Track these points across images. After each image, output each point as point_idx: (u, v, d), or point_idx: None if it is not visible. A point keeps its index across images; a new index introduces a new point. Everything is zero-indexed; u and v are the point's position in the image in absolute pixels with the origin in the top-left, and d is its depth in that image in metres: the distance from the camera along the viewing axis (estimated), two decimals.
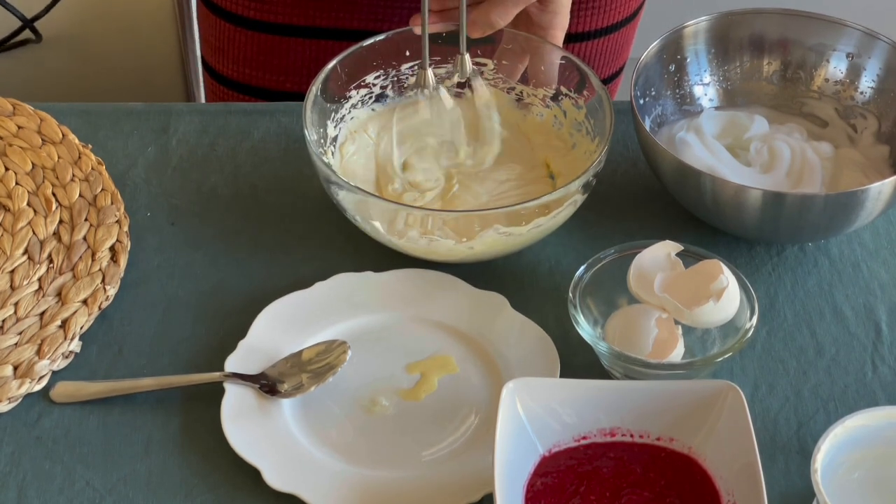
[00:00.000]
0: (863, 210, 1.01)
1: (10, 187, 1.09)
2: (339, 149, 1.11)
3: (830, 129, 1.14)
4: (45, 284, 1.02)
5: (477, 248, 1.02)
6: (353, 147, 1.12)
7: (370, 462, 0.93)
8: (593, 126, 1.09)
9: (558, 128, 1.13)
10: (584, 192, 1.03)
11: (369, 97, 1.13)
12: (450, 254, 1.02)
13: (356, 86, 1.12)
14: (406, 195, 1.09)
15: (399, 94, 1.14)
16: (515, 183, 1.10)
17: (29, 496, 0.91)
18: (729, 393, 0.89)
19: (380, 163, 1.11)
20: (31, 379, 0.96)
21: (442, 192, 1.09)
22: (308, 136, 1.04)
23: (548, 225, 1.03)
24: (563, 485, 0.88)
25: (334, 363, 0.97)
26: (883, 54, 1.12)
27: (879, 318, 1.03)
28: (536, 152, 1.12)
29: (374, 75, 1.13)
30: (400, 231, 1.02)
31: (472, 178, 1.10)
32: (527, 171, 1.11)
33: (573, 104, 1.11)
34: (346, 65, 1.10)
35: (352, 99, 1.12)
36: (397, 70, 1.13)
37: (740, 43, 1.15)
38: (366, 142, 1.12)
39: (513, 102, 1.14)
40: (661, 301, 0.96)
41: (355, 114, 1.13)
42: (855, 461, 0.88)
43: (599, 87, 1.08)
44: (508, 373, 0.97)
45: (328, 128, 1.10)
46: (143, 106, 1.19)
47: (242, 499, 0.91)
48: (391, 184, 1.10)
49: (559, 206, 1.02)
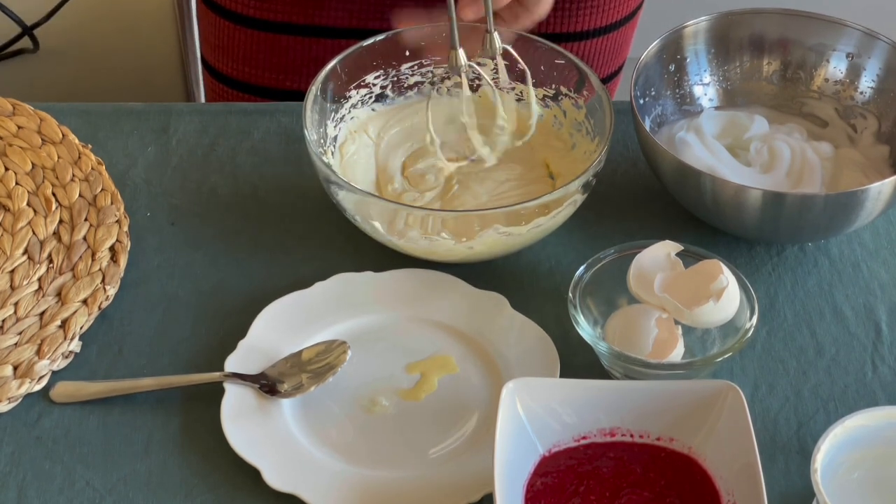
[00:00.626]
0: (863, 210, 1.01)
1: (10, 187, 1.09)
2: (339, 149, 1.11)
3: (830, 129, 1.14)
4: (45, 284, 1.02)
5: (477, 248, 1.02)
6: (353, 147, 1.12)
7: (370, 462, 0.93)
8: (593, 126, 1.09)
9: (558, 128, 1.13)
10: (583, 192, 1.03)
11: (369, 97, 1.13)
12: (449, 254, 1.02)
13: (356, 85, 1.12)
14: (405, 195, 1.09)
15: (399, 94, 1.14)
16: (515, 183, 1.10)
17: (29, 496, 0.91)
18: (729, 393, 0.89)
19: (380, 163, 1.12)
20: (31, 379, 0.96)
21: (441, 192, 1.09)
22: (308, 136, 1.04)
23: (547, 225, 1.03)
24: (563, 485, 0.88)
25: (334, 363, 0.97)
26: (883, 54, 1.12)
27: (879, 318, 1.03)
28: (536, 152, 1.12)
29: (374, 75, 1.13)
30: (400, 231, 1.02)
31: (472, 177, 1.10)
32: (527, 171, 1.11)
33: (573, 104, 1.11)
34: (347, 65, 1.10)
35: (352, 99, 1.12)
36: (397, 70, 1.13)
37: (740, 43, 1.15)
38: (366, 142, 1.12)
39: (513, 102, 1.14)
40: (661, 301, 0.96)
41: (355, 114, 1.13)
42: (855, 461, 0.88)
43: (599, 87, 1.08)
44: (508, 373, 0.97)
45: (328, 127, 1.10)
46: (143, 106, 1.19)
47: (242, 499, 0.91)
48: (391, 184, 1.10)
49: (559, 206, 1.02)
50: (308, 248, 1.07)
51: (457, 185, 1.10)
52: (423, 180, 1.10)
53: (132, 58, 1.79)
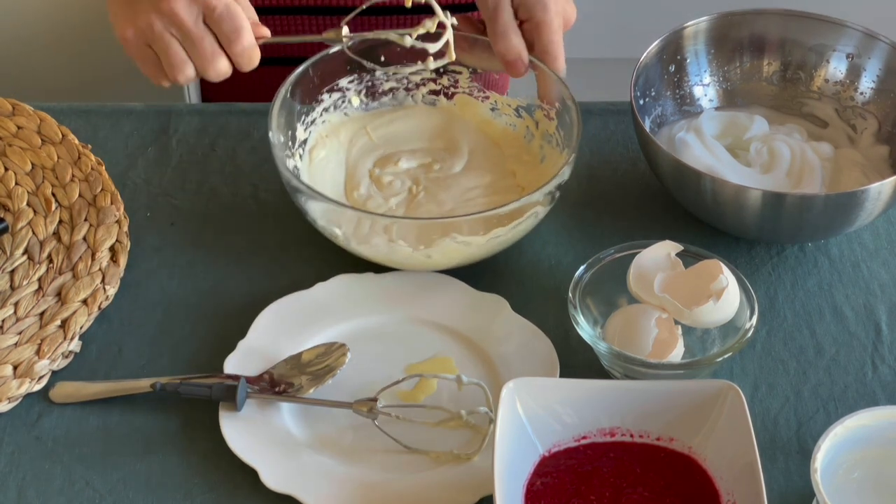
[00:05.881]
0: (863, 210, 1.01)
1: (10, 187, 1.09)
2: (308, 153, 1.11)
3: (830, 130, 1.14)
4: (45, 284, 1.02)
5: (434, 257, 1.01)
6: (323, 152, 1.11)
7: (369, 463, 0.92)
8: (563, 138, 1.08)
9: (529, 139, 1.12)
10: (546, 203, 1.02)
11: (342, 101, 1.13)
12: (408, 261, 1.01)
13: (329, 89, 1.12)
14: (370, 201, 1.08)
15: (373, 100, 1.14)
16: (482, 191, 1.09)
17: (29, 496, 0.91)
18: (729, 393, 0.89)
19: (349, 168, 1.11)
20: (30, 379, 0.96)
21: (407, 199, 1.09)
22: (273, 138, 1.03)
23: (507, 236, 1.02)
24: (563, 485, 0.88)
25: (333, 365, 0.97)
26: (883, 54, 1.12)
27: (879, 318, 1.03)
28: (508, 162, 1.12)
29: (347, 79, 1.12)
30: (364, 237, 1.01)
31: (439, 184, 1.09)
32: (497, 179, 1.10)
33: (545, 115, 1.10)
34: (319, 68, 1.10)
35: (324, 102, 1.12)
36: (372, 75, 1.13)
37: (740, 43, 1.15)
38: (336, 147, 1.12)
39: (487, 112, 1.14)
40: (661, 301, 0.96)
41: (327, 118, 1.12)
42: (855, 461, 0.88)
43: (569, 98, 1.06)
44: (508, 373, 0.97)
45: (298, 131, 1.10)
46: (143, 106, 1.19)
47: (242, 499, 0.91)
48: (357, 189, 1.09)
49: (519, 216, 1.00)
50: (308, 249, 1.07)
51: (422, 193, 1.09)
52: (389, 187, 1.10)
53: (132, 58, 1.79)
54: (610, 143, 1.16)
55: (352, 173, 1.10)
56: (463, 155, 1.12)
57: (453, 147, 1.13)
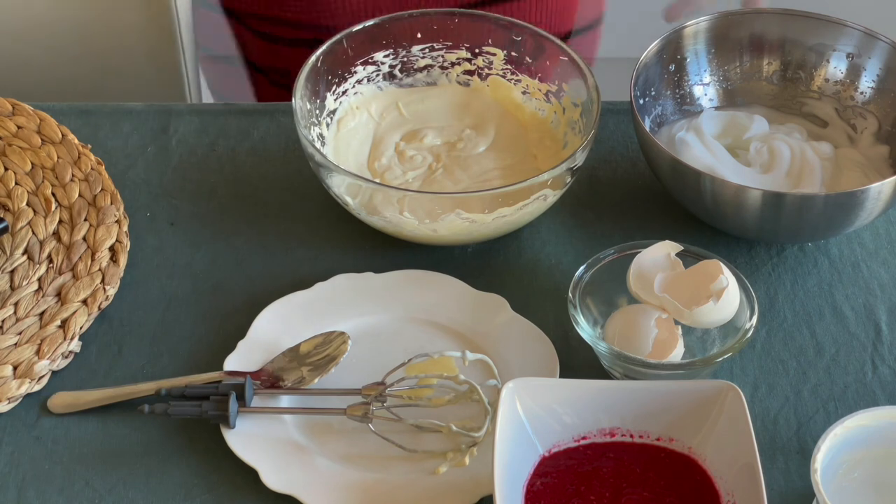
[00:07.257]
0: (863, 210, 1.01)
1: (10, 187, 1.09)
2: (336, 122, 1.12)
3: (830, 129, 1.14)
4: (45, 284, 1.02)
5: (440, 232, 1.02)
6: (352, 122, 1.13)
7: (369, 463, 0.92)
8: (584, 125, 1.09)
9: (556, 125, 1.13)
10: (556, 187, 1.03)
11: (377, 74, 1.14)
12: (414, 234, 1.03)
13: (363, 62, 1.13)
14: (388, 172, 1.09)
15: (408, 76, 1.15)
16: (500, 172, 1.10)
17: (28, 496, 0.91)
18: (729, 393, 0.89)
19: (376, 140, 1.12)
20: (30, 379, 0.96)
21: (425, 174, 1.10)
22: (296, 106, 1.05)
23: (513, 217, 1.02)
24: (563, 485, 0.88)
25: (335, 354, 0.97)
26: (883, 54, 1.12)
27: (879, 318, 1.03)
28: (531, 147, 1.13)
29: (383, 53, 1.14)
30: (374, 207, 1.02)
31: (460, 163, 1.11)
32: (517, 162, 1.11)
33: (572, 102, 1.11)
34: (353, 40, 1.12)
35: (357, 74, 1.13)
36: (408, 51, 1.14)
37: (740, 43, 1.15)
38: (366, 119, 1.13)
39: (518, 95, 1.15)
40: (661, 301, 0.96)
41: (360, 89, 1.14)
42: (855, 461, 0.88)
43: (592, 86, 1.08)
44: (508, 373, 0.97)
45: (327, 100, 1.12)
46: (143, 106, 1.19)
47: (241, 499, 0.91)
48: (379, 160, 1.10)
49: (526, 197, 1.01)
50: (308, 249, 1.07)
51: (441, 169, 1.10)
52: (411, 161, 1.11)
53: (132, 58, 1.79)
54: (610, 142, 1.16)
55: (377, 145, 1.12)
56: (489, 136, 1.13)
57: (480, 127, 1.14)
